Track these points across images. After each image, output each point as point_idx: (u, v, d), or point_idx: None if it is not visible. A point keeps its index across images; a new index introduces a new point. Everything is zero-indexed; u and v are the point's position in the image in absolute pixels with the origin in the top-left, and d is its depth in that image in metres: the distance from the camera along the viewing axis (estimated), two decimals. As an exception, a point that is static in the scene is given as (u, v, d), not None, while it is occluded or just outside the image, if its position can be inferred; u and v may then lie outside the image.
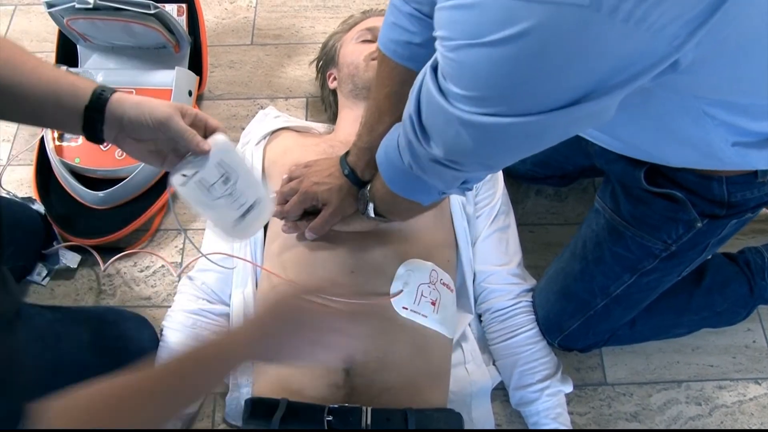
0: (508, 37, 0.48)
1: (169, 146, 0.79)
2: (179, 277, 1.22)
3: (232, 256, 1.12)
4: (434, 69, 0.61)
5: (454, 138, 0.61)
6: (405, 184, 0.79)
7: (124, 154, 1.25)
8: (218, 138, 0.81)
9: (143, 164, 1.23)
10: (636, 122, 0.66)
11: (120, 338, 1.04)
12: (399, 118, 0.85)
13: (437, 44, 0.57)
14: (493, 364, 1.13)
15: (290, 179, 1.06)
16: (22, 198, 1.23)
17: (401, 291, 0.97)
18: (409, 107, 0.68)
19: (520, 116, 0.54)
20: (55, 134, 1.29)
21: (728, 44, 0.51)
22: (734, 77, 0.58)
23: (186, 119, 0.78)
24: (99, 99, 0.74)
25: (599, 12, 0.44)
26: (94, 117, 0.74)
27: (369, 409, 0.90)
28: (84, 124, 0.75)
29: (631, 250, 0.95)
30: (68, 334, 0.64)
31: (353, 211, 1.00)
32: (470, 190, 0.82)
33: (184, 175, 0.78)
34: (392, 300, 0.96)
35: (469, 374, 1.10)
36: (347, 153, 0.99)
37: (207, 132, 0.81)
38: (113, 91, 0.76)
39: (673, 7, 0.44)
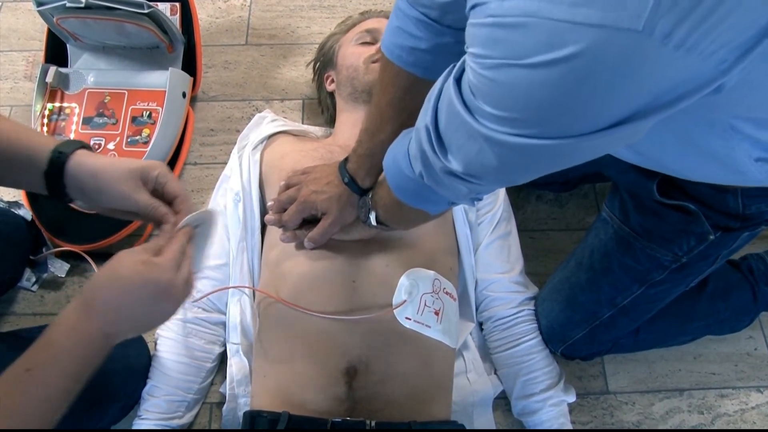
0: (553, 60, 0.46)
1: None
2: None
3: (227, 288, 1.10)
4: (458, 81, 0.58)
5: (476, 154, 0.59)
6: (413, 193, 0.77)
7: (116, 156, 1.24)
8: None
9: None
10: (659, 136, 0.64)
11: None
12: (402, 125, 0.83)
13: (468, 60, 0.54)
14: (495, 373, 1.12)
15: (287, 186, 1.03)
16: (8, 202, 1.19)
17: (404, 301, 0.95)
18: (425, 117, 0.65)
19: (554, 139, 0.52)
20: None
21: None
22: None
23: (148, 185, 0.72)
24: (55, 164, 0.69)
25: (652, 37, 0.42)
26: (56, 183, 0.70)
27: (373, 423, 0.88)
28: (48, 190, 0.70)
29: (640, 262, 0.94)
30: None
31: (353, 219, 0.97)
32: (480, 200, 0.80)
33: None
34: (395, 311, 0.94)
35: (471, 383, 1.08)
36: (346, 160, 0.96)
37: (165, 197, 0.74)
38: (75, 147, 0.71)
39: (725, 33, 0.43)
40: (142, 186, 0.72)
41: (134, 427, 1.02)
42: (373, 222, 0.91)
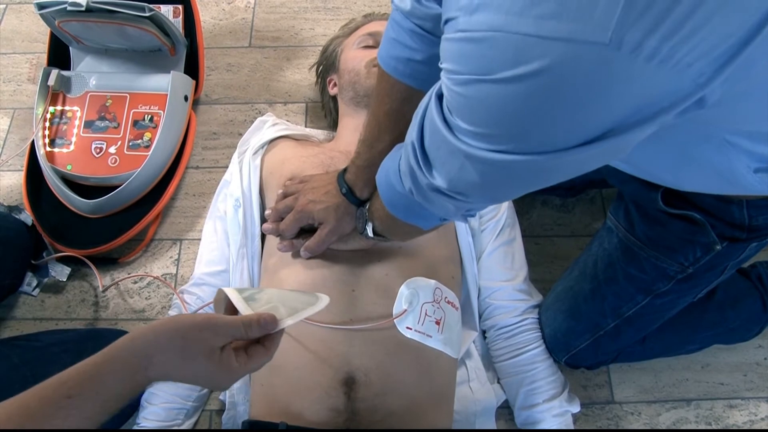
0: (520, 75, 0.44)
1: None
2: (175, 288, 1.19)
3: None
4: (439, 97, 0.57)
5: (458, 171, 0.58)
6: (405, 208, 0.76)
7: (118, 160, 1.23)
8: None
9: (137, 172, 1.19)
10: (653, 149, 0.63)
11: None
12: (399, 137, 0.82)
13: (443, 76, 0.53)
14: (498, 382, 1.10)
15: (285, 195, 1.02)
16: (9, 206, 1.19)
17: (405, 311, 0.93)
18: (412, 133, 0.65)
19: (531, 154, 0.50)
20: (46, 140, 1.25)
21: (759, 79, 0.47)
22: (764, 110, 0.54)
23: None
24: None
25: (620, 51, 0.40)
26: None
27: (371, 435, 0.87)
28: None
29: (645, 271, 0.92)
30: (37, 377, 0.58)
31: (351, 230, 0.96)
32: (473, 217, 0.78)
33: None
34: (395, 321, 0.92)
35: (474, 393, 1.06)
36: (345, 170, 0.95)
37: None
38: None
39: (700, 44, 0.40)
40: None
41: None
42: (370, 233, 0.90)
